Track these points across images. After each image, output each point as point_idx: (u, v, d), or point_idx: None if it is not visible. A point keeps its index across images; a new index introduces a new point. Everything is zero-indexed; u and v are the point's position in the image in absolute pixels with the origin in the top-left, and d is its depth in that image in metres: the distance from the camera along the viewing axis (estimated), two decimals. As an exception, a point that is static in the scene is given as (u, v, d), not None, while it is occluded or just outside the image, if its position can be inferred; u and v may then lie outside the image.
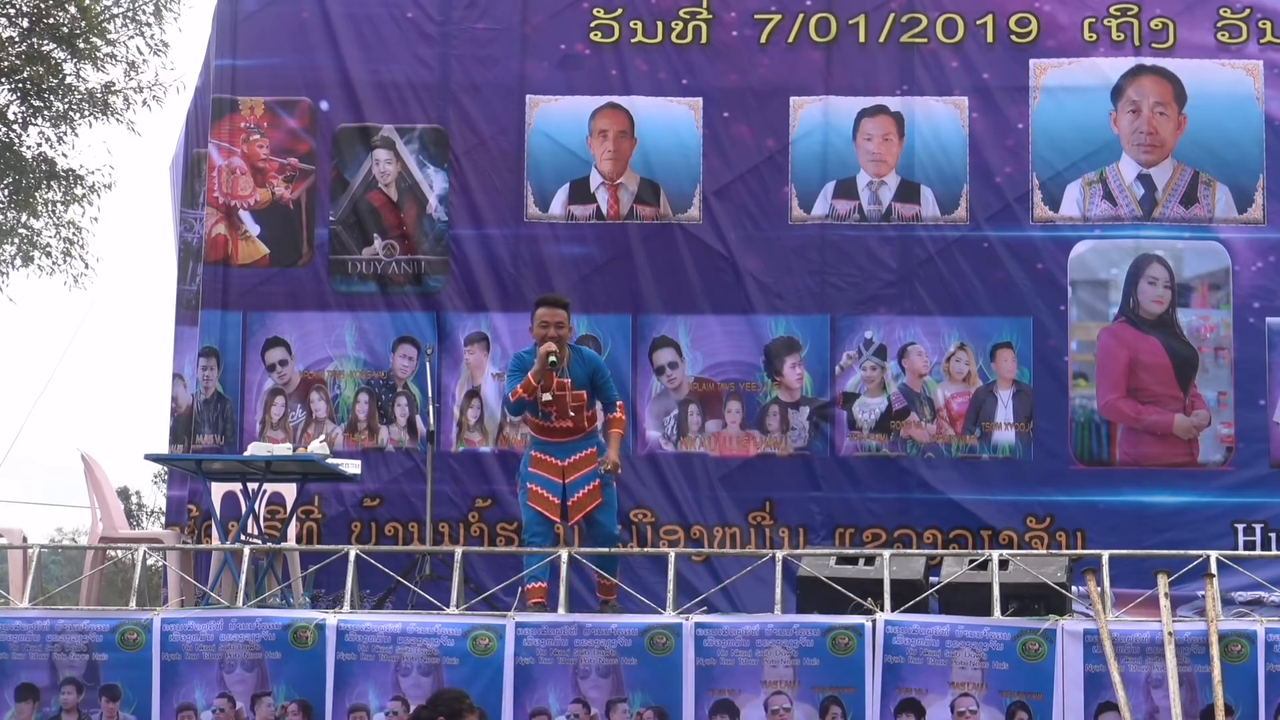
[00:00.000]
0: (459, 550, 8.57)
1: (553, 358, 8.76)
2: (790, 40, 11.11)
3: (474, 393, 11.08)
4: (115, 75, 17.59)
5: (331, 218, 11.23)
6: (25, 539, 10.03)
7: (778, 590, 8.22)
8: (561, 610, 8.20)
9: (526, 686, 7.94)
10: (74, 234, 18.12)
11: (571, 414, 8.95)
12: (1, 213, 17.76)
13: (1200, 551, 8.43)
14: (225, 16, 11.35)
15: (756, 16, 11.12)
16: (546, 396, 8.83)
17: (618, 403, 9.17)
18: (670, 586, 8.26)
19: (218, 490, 10.10)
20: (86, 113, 17.47)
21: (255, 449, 9.66)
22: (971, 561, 8.34)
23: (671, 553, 8.45)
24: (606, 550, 8.91)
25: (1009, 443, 10.80)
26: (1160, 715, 7.64)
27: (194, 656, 8.10)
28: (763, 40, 11.13)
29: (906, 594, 8.12)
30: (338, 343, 11.15)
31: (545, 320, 8.95)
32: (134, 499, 34.95)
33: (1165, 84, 10.91)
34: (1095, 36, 10.96)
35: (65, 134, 17.59)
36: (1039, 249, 10.87)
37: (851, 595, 8.16)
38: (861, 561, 8.54)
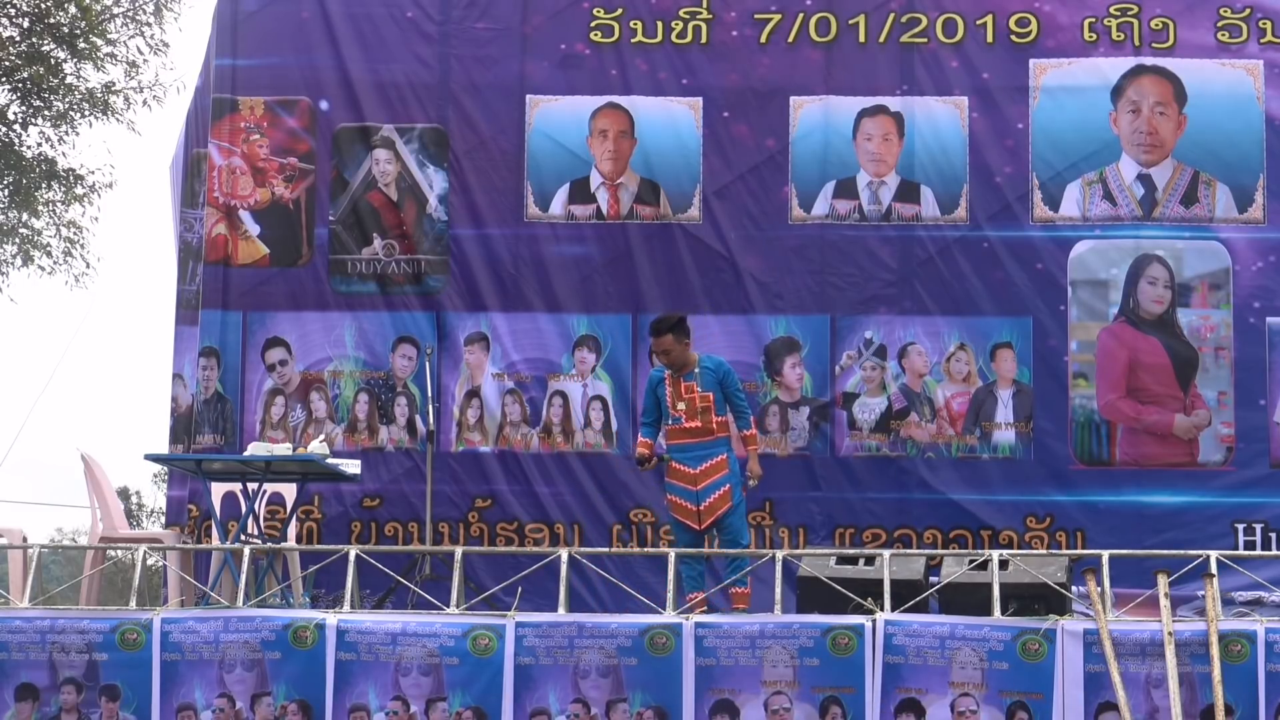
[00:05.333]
0: (459, 550, 8.56)
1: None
2: (790, 40, 11.11)
3: (474, 393, 11.08)
4: (115, 75, 17.63)
5: (331, 217, 11.23)
6: (25, 539, 10.04)
7: (778, 590, 8.22)
8: (561, 610, 8.20)
9: (526, 686, 7.94)
10: (74, 234, 18.15)
11: (700, 415, 9.24)
12: (2, 212, 17.76)
13: (1200, 551, 8.42)
14: (225, 16, 11.36)
15: (756, 16, 11.13)
16: (682, 404, 9.27)
17: (752, 421, 9.52)
18: (670, 586, 8.26)
19: (218, 490, 10.10)
20: (86, 113, 17.49)
21: (255, 449, 9.66)
22: (971, 561, 8.34)
23: (671, 553, 8.44)
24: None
25: (1009, 443, 10.80)
26: (1160, 715, 7.63)
27: (194, 656, 8.09)
28: (763, 40, 11.13)
29: (906, 594, 8.12)
30: (337, 343, 11.16)
31: (653, 349, 9.46)
32: (134, 499, 34.96)
33: (1165, 84, 10.91)
34: (1095, 36, 10.97)
35: (65, 134, 17.62)
36: (1039, 249, 10.88)
37: (851, 595, 8.16)
38: (861, 561, 8.53)
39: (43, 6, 17.00)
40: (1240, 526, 10.54)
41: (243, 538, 9.57)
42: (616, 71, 11.17)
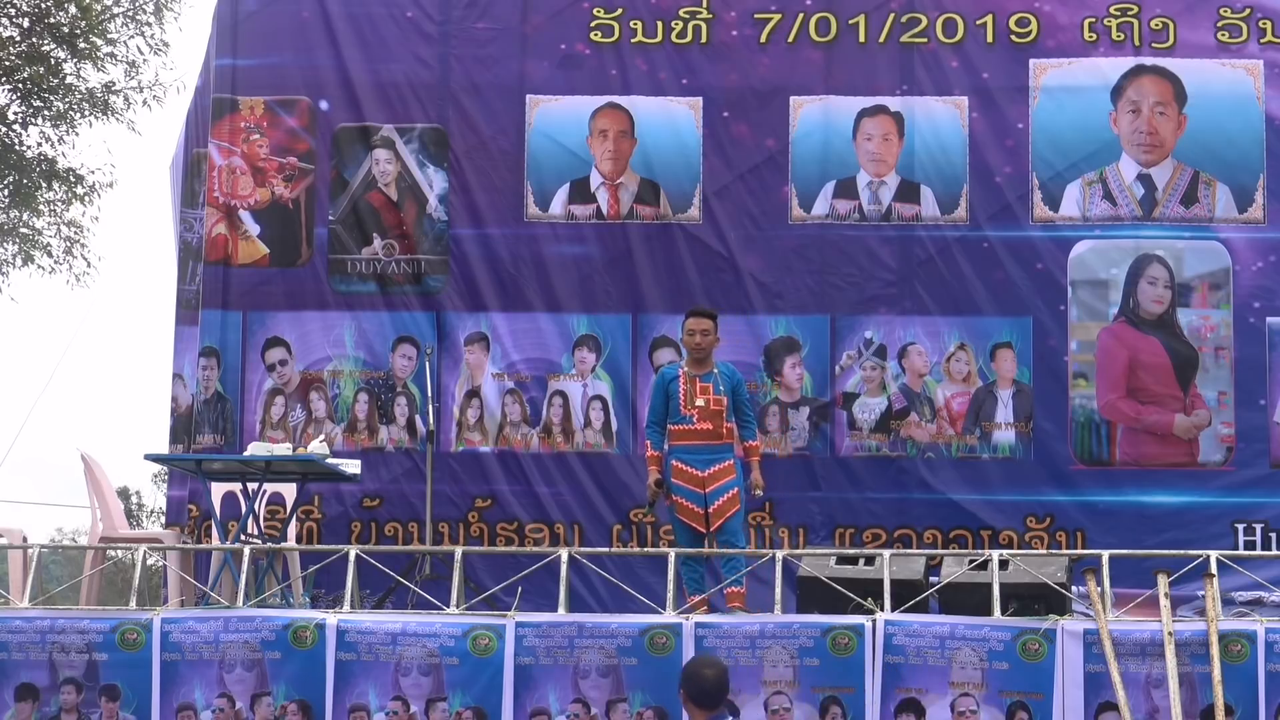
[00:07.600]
0: (459, 550, 8.57)
1: (650, 510, 9.55)
2: (790, 40, 11.12)
3: (474, 393, 11.08)
4: (115, 75, 17.65)
5: (331, 217, 11.23)
6: (25, 539, 10.04)
7: (778, 590, 8.23)
8: (562, 610, 8.20)
9: (526, 686, 7.94)
10: (75, 233, 18.17)
11: (712, 418, 9.14)
12: (2, 212, 17.77)
13: (1200, 551, 8.43)
14: (225, 16, 11.36)
15: (756, 16, 11.13)
16: (700, 402, 9.11)
17: (758, 433, 9.42)
18: (670, 586, 8.26)
19: (218, 490, 10.10)
20: (86, 112, 17.51)
21: (255, 449, 9.66)
22: (971, 561, 8.34)
23: (671, 553, 8.45)
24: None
25: (1009, 443, 10.80)
26: (1160, 715, 7.63)
27: (194, 656, 8.10)
28: (763, 40, 11.13)
29: (906, 594, 8.12)
30: (337, 342, 11.16)
31: (691, 329, 9.23)
32: (134, 499, 34.94)
33: (1165, 84, 10.91)
34: (1095, 36, 10.97)
35: (65, 134, 17.62)
36: (1039, 249, 10.88)
37: (851, 595, 8.16)
38: (861, 561, 8.53)
39: (43, 6, 17.00)
40: (1240, 526, 10.54)
41: (243, 538, 9.57)
42: (616, 71, 11.17)
